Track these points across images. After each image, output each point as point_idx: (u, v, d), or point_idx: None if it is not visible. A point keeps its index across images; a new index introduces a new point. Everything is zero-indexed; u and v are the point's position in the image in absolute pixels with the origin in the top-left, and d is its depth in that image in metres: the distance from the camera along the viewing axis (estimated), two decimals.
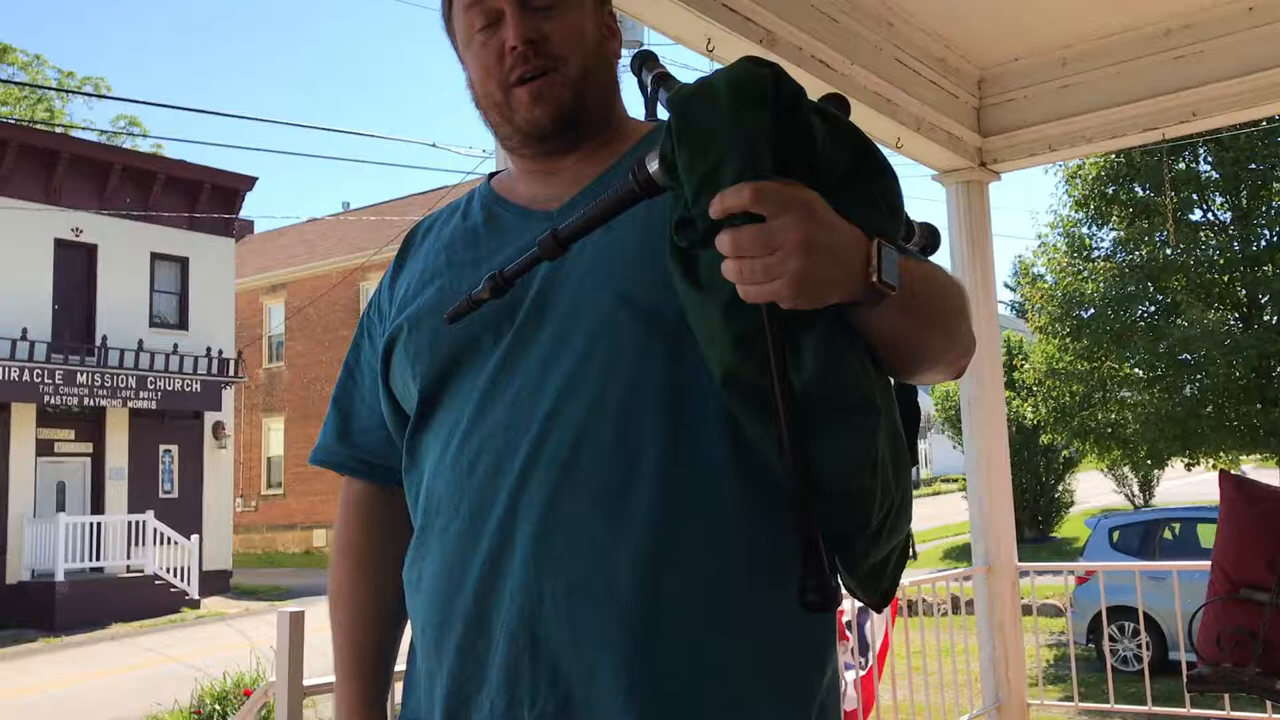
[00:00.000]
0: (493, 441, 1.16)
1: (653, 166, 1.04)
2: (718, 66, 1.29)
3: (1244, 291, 16.09)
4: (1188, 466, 17.62)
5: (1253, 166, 15.77)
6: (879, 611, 1.34)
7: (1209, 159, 16.14)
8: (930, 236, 1.37)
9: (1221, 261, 16.05)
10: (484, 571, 1.13)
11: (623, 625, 1.07)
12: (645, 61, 1.31)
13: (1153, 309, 16.40)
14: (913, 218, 1.33)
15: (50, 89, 34.63)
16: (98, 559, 20.05)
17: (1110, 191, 16.42)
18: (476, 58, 1.29)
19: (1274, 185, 15.85)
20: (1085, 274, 16.38)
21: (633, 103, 1.40)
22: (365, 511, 1.42)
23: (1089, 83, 4.70)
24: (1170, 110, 4.55)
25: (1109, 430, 16.56)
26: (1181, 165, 16.00)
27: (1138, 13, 4.44)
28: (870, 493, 1.04)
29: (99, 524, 20.28)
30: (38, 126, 29.70)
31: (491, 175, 1.43)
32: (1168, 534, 12.39)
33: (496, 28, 1.27)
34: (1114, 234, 16.87)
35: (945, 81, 4.69)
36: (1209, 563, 3.18)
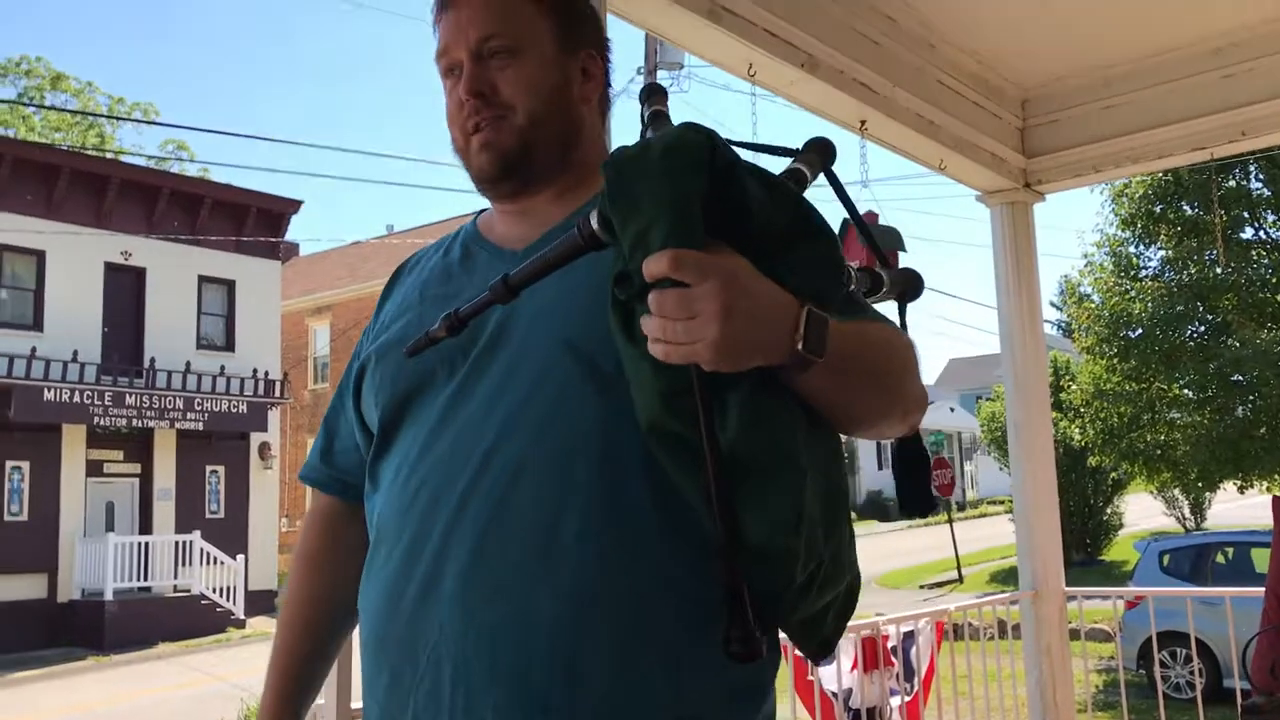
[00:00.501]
0: (435, 473, 1.20)
1: (594, 222, 1.08)
2: (760, 91, 1.35)
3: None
4: (1240, 489, 17.30)
5: None
6: (817, 661, 1.35)
7: (1260, 176, 15.92)
8: (908, 284, 1.39)
9: (1274, 280, 15.79)
10: (417, 599, 1.17)
11: (542, 665, 1.09)
12: (650, 96, 1.39)
13: (1202, 329, 16.14)
14: (902, 265, 1.39)
15: (101, 115, 35.31)
16: (145, 579, 20.27)
17: (1158, 210, 16.22)
18: (447, 106, 1.37)
19: None
20: (1133, 293, 16.16)
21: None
22: (328, 523, 1.49)
23: (1134, 102, 4.66)
24: (1218, 130, 4.49)
25: (1158, 452, 16.28)
26: (1231, 183, 15.79)
27: (1182, 33, 4.40)
28: (793, 552, 1.04)
29: (147, 544, 20.51)
30: (89, 152, 30.28)
31: (480, 212, 1.49)
32: (1220, 558, 12.16)
33: (459, 78, 1.34)
34: (1162, 253, 16.64)
35: (988, 102, 4.66)
36: (1264, 589, 3.12)
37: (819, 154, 1.31)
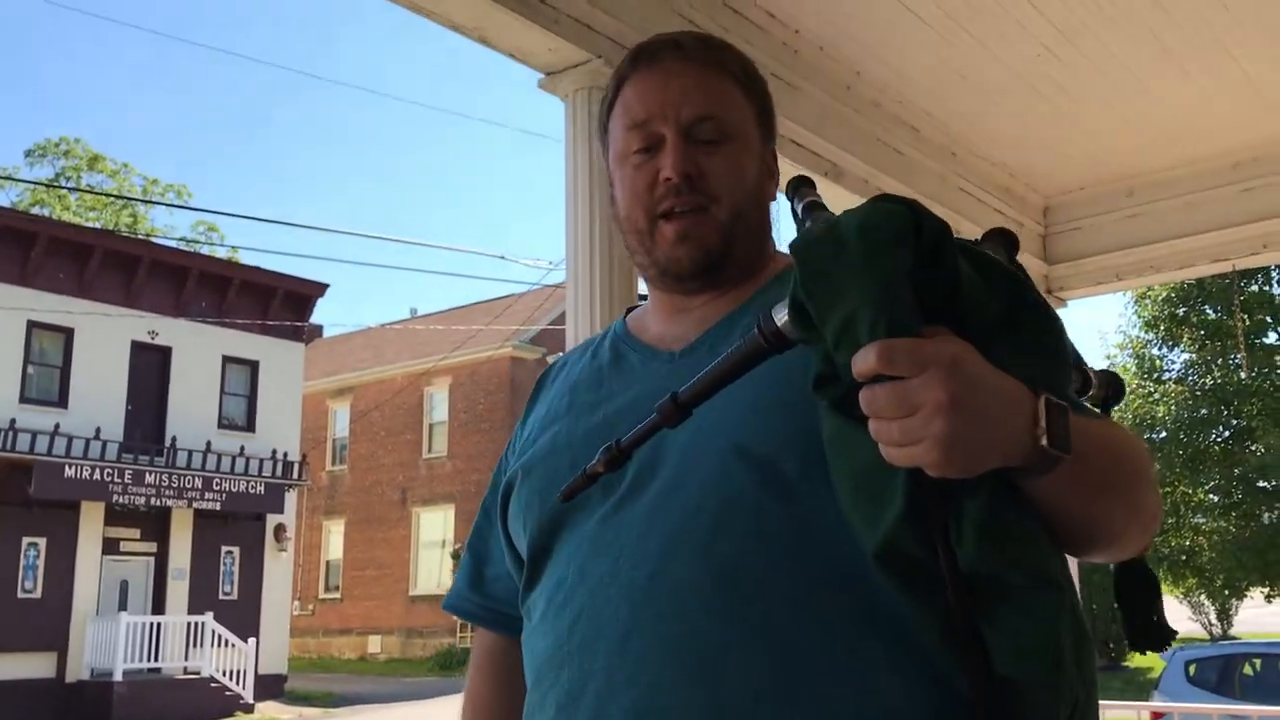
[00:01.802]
0: (592, 604, 1.07)
1: (780, 317, 0.95)
2: (783, 198, 1.24)
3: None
4: (1267, 598, 17.00)
5: None
6: None
7: None
8: (1111, 386, 1.22)
9: None
10: None
11: None
12: (799, 188, 1.19)
13: (1227, 434, 16.05)
14: (1088, 364, 1.18)
15: (134, 199, 35.99)
16: (156, 659, 20.07)
17: (1180, 313, 16.24)
18: (628, 181, 1.24)
19: None
20: (1156, 396, 16.13)
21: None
22: (492, 662, 1.35)
23: (1156, 213, 4.70)
24: (1240, 242, 4.52)
25: (1183, 557, 16.08)
26: (1254, 287, 15.82)
27: (1202, 147, 4.45)
28: (1053, 687, 0.88)
29: (159, 624, 20.35)
30: (122, 233, 30.81)
31: (630, 310, 1.38)
32: (1248, 669, 11.90)
33: (654, 154, 1.22)
34: (1185, 356, 16.64)
35: (1010, 209, 4.71)
36: None
37: (1002, 244, 1.11)
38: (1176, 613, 26.86)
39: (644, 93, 1.24)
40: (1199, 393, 15.94)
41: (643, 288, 1.30)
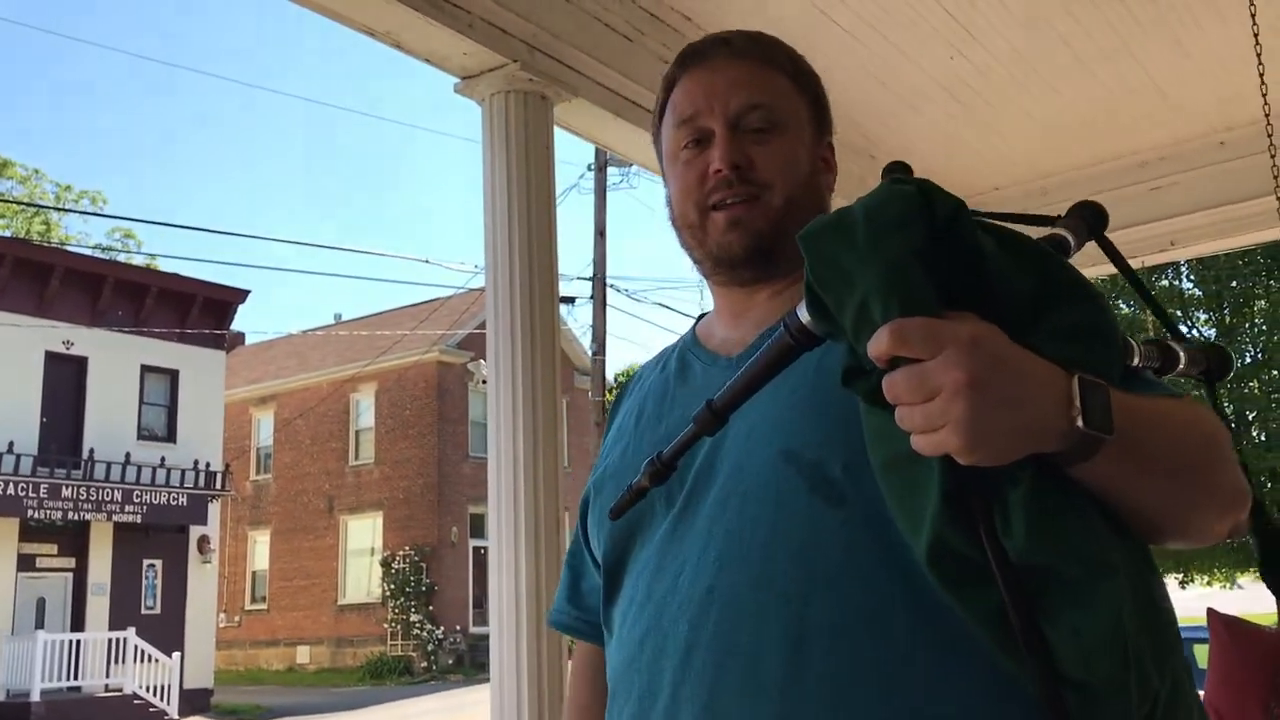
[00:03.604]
0: (658, 618, 1.07)
1: (804, 313, 0.92)
2: None
3: (1231, 408, 16.18)
4: (1181, 584, 17.48)
5: (1234, 285, 16.00)
6: None
7: (1191, 277, 16.39)
8: (1216, 359, 1.12)
9: None
10: None
11: None
12: (893, 173, 1.16)
13: None
14: (1190, 339, 1.12)
15: (46, 206, 35.07)
16: (76, 678, 19.58)
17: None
18: (679, 176, 1.24)
19: (1255, 304, 16.07)
20: None
21: None
22: (595, 674, 1.31)
23: None
24: (1149, 239, 4.64)
25: None
26: (1164, 282, 16.24)
27: (1111, 147, 4.57)
28: (1120, 682, 0.82)
29: (78, 641, 19.85)
30: (34, 240, 29.99)
31: (701, 317, 1.36)
32: None
33: (704, 147, 1.22)
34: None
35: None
36: (1202, 692, 3.14)
37: (1085, 218, 1.09)
38: None
39: (691, 89, 1.25)
40: None
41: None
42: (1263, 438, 16.10)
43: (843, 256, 0.85)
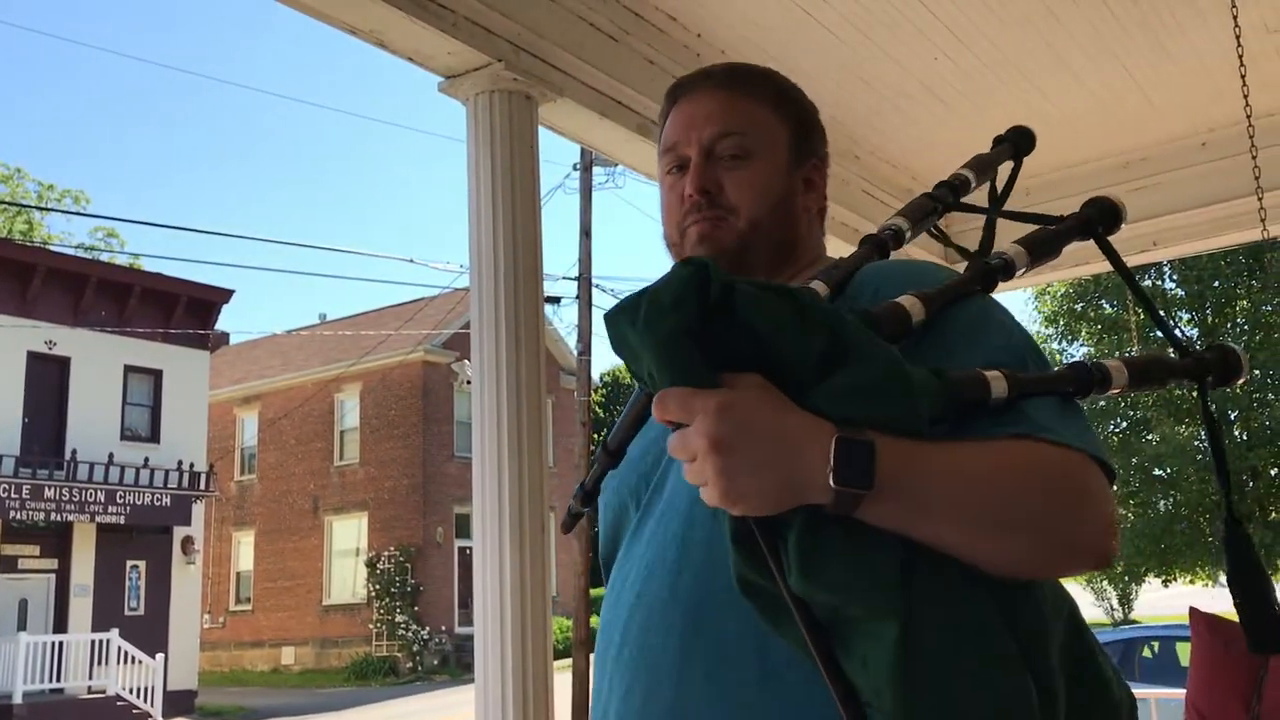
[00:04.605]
0: (611, 615, 1.19)
1: None
2: None
3: (1213, 407, 16.28)
4: (1164, 583, 17.59)
5: (1216, 285, 16.10)
6: None
7: (1174, 277, 16.49)
8: (1216, 364, 1.10)
9: None
10: None
11: None
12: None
13: (1124, 425, 16.55)
14: (1190, 343, 1.08)
15: (29, 205, 34.86)
16: (59, 679, 19.47)
17: (1078, 309, 16.71)
18: (664, 200, 1.36)
19: (1237, 304, 16.16)
20: None
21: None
22: None
23: (1052, 211, 4.81)
24: (1132, 240, 4.65)
25: None
26: (1147, 282, 16.32)
27: (1094, 148, 4.58)
28: (912, 712, 0.87)
29: (61, 643, 19.74)
30: (16, 240, 29.81)
31: None
32: (1147, 652, 12.27)
33: (684, 173, 1.32)
34: (1084, 350, 17.12)
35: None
36: (1184, 691, 3.15)
37: (1096, 211, 1.17)
38: (1080, 599, 27.69)
39: (675, 120, 1.35)
40: None
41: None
42: (1244, 437, 16.18)
43: (629, 335, 0.95)
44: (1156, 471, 15.36)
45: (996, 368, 0.99)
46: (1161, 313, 1.29)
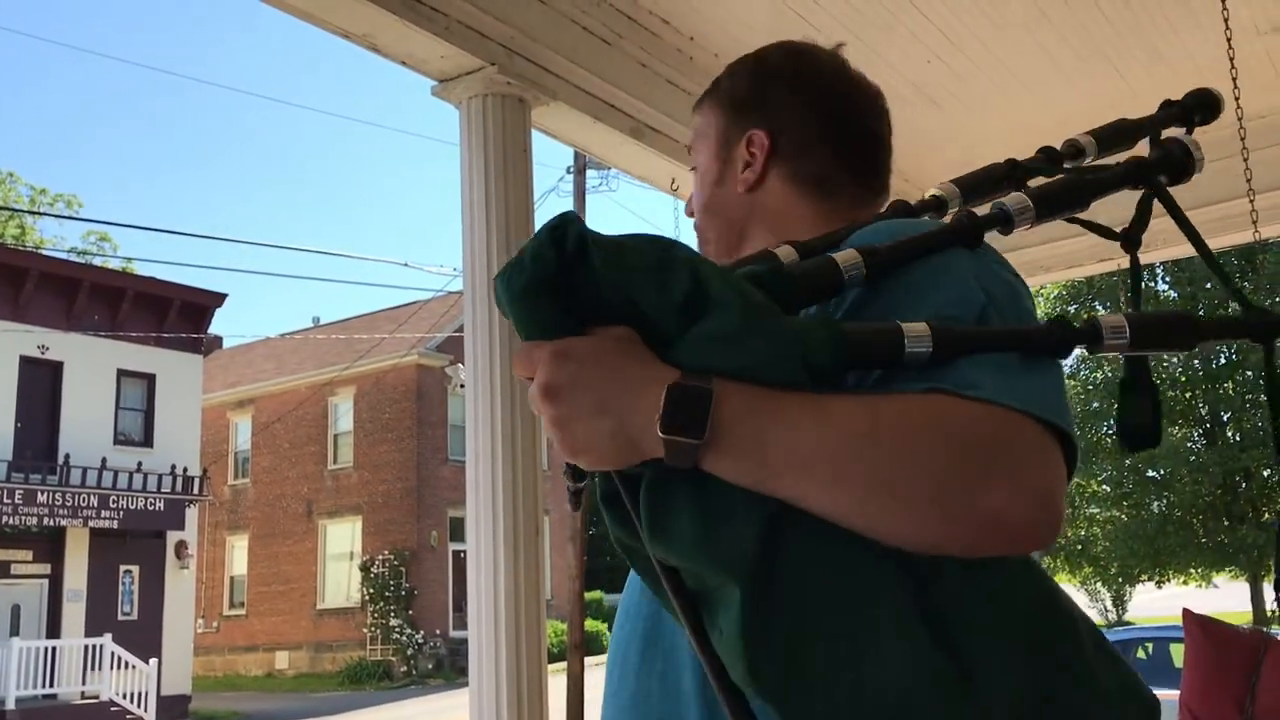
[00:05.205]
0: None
1: None
2: (682, 204, 1.32)
3: (1206, 409, 16.31)
4: (1158, 584, 17.62)
5: (1209, 286, 16.13)
6: None
7: (1166, 279, 16.52)
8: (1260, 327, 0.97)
9: (1183, 379, 16.31)
10: None
11: None
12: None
13: None
14: (1253, 305, 0.99)
15: (21, 210, 34.80)
16: (52, 685, 19.42)
17: (1071, 310, 16.73)
18: None
19: (1229, 306, 16.19)
20: None
21: None
22: None
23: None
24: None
25: (1079, 547, 16.56)
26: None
27: None
28: (760, 676, 0.83)
29: (54, 648, 19.71)
30: (8, 244, 29.76)
31: None
32: (1141, 654, 12.29)
33: None
34: (1076, 351, 17.15)
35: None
36: (1178, 693, 3.16)
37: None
38: (1074, 600, 27.76)
39: None
40: (1090, 387, 16.46)
41: None
42: (1238, 438, 16.22)
43: (500, 295, 0.91)
44: (1150, 473, 15.39)
45: (947, 322, 0.90)
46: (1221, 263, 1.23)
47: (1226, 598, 22.21)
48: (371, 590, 28.11)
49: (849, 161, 1.29)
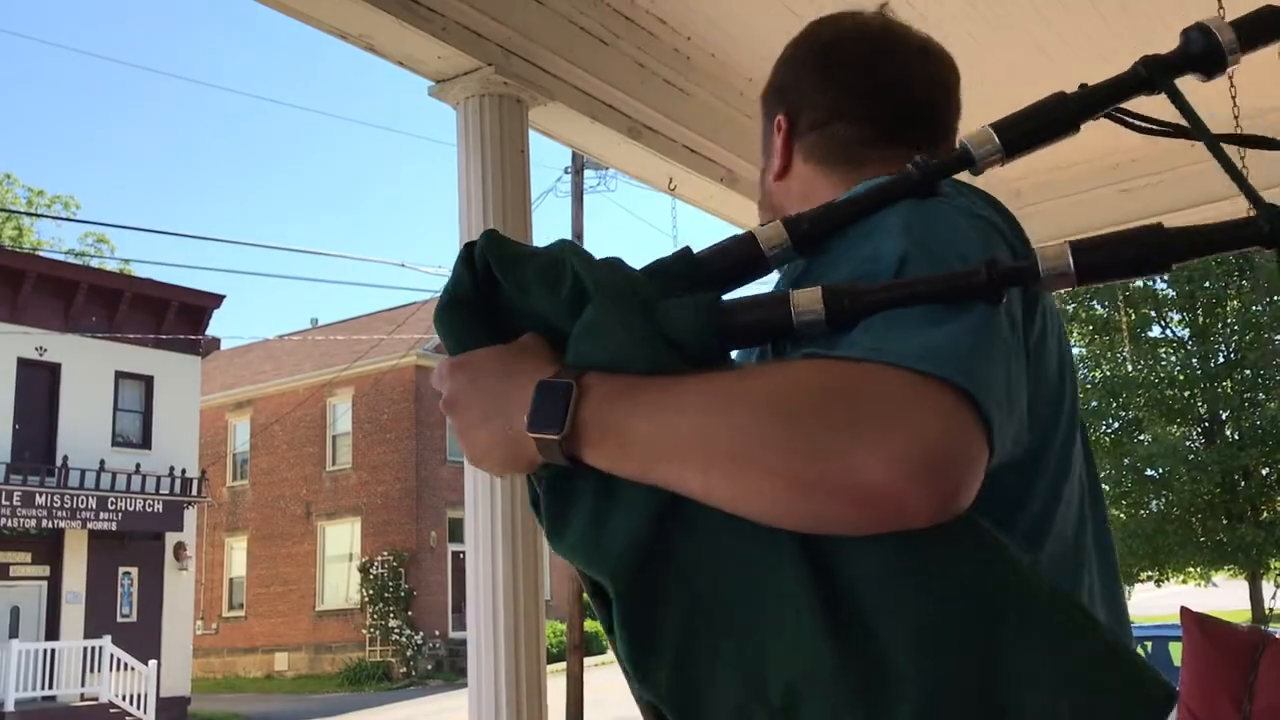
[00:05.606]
0: None
1: None
2: (679, 203, 1.29)
3: (1204, 407, 16.31)
4: (1157, 583, 17.62)
5: (1206, 285, 16.14)
6: None
7: (1164, 277, 16.54)
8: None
9: (1181, 378, 16.32)
10: None
11: None
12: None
13: (1116, 425, 16.57)
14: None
15: (18, 211, 34.78)
16: (51, 687, 19.40)
17: (1070, 309, 16.73)
18: None
19: (1228, 304, 16.20)
20: None
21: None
22: None
23: (1043, 213, 4.82)
24: None
25: None
26: (1138, 283, 16.36)
27: (1084, 150, 4.59)
28: (650, 682, 0.85)
29: (53, 650, 19.69)
30: (5, 246, 29.75)
31: None
32: (1140, 652, 12.31)
33: None
34: (1075, 350, 17.15)
35: None
36: (1177, 690, 3.16)
37: (1268, 23, 0.92)
38: None
39: None
40: (1089, 386, 16.47)
41: None
42: (1236, 436, 16.23)
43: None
44: (1149, 472, 15.40)
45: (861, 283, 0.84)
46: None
47: (1225, 596, 22.23)
48: (371, 591, 28.10)
49: (877, 126, 1.20)
